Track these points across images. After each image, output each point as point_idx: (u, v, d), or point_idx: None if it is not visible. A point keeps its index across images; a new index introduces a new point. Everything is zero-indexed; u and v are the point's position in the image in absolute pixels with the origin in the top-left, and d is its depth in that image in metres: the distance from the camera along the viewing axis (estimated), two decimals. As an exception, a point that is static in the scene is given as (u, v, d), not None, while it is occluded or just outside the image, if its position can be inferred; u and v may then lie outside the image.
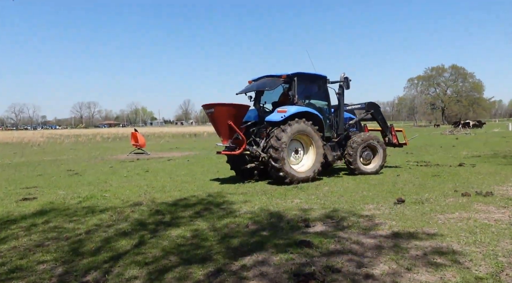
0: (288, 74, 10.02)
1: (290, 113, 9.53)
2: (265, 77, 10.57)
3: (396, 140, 12.43)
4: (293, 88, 10.03)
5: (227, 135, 9.63)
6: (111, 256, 4.56)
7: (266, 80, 10.33)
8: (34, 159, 19.87)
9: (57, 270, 4.19)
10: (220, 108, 9.46)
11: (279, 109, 9.69)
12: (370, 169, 10.99)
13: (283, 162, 9.16)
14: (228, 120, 9.40)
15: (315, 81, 10.67)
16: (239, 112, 9.68)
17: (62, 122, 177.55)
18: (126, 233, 5.52)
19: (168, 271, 4.06)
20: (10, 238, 5.40)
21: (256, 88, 10.38)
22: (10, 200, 8.27)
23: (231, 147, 9.80)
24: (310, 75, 10.48)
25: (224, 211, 6.74)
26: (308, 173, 9.67)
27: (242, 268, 4.10)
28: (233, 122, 9.43)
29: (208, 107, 9.61)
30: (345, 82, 10.57)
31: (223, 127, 9.51)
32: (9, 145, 36.33)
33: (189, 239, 5.20)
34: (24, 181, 11.47)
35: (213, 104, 9.58)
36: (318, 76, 10.62)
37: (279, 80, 10.07)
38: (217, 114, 9.45)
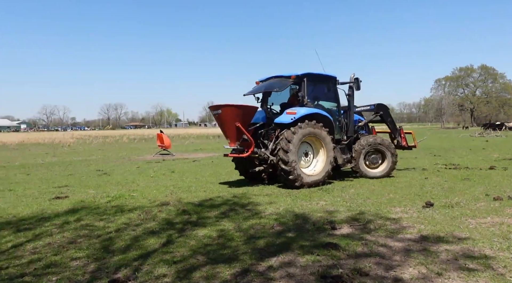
0: (298, 74, 9.68)
1: (300, 115, 9.25)
2: (273, 78, 10.26)
3: (405, 142, 12.09)
4: (302, 89, 9.73)
5: (234, 137, 9.38)
6: (140, 254, 4.67)
7: (275, 81, 10.02)
8: (65, 159, 20.52)
9: (89, 266, 4.33)
10: (228, 109, 9.18)
11: (288, 111, 9.41)
12: (377, 173, 10.69)
13: (293, 165, 8.90)
14: (236, 121, 9.13)
15: (325, 81, 10.34)
16: (247, 114, 9.42)
17: (91, 124, 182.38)
18: (154, 232, 5.63)
19: (196, 270, 4.13)
20: (45, 235, 5.61)
21: (264, 89, 10.10)
22: (44, 198, 8.57)
23: (239, 150, 9.49)
24: (319, 76, 10.18)
25: (250, 212, 6.78)
26: (319, 177, 9.38)
27: (268, 269, 4.12)
28: (241, 124, 9.17)
29: (215, 108, 9.36)
30: (356, 83, 10.32)
31: (231, 129, 9.28)
32: (41, 145, 37.62)
33: (216, 239, 5.26)
34: (56, 180, 11.87)
35: (220, 105, 9.29)
36: (328, 76, 10.32)
37: (288, 80, 9.73)
38: (225, 115, 9.21)
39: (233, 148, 9.49)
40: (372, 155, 10.81)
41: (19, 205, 7.85)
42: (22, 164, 17.99)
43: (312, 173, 9.49)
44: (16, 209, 7.40)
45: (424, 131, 67.23)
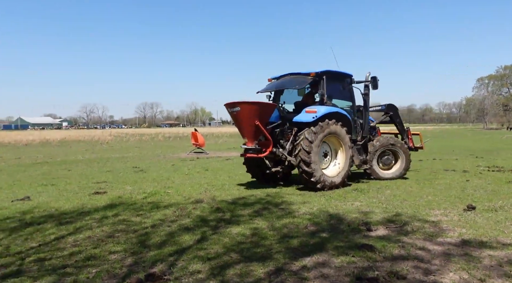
0: (317, 71, 9.26)
1: (321, 113, 8.87)
2: (288, 75, 9.92)
3: (412, 143, 11.69)
4: (321, 86, 9.29)
5: (252, 136, 8.91)
6: (176, 250, 4.74)
7: (293, 78, 9.63)
8: (103, 156, 21.24)
9: (127, 260, 4.44)
10: (247, 106, 8.68)
11: (308, 109, 9.01)
12: (390, 174, 10.46)
13: (315, 166, 8.55)
14: (255, 119, 8.64)
15: (342, 80, 9.94)
16: (266, 112, 8.94)
17: (128, 122, 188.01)
18: (189, 229, 5.72)
19: (230, 267, 4.15)
20: (85, 228, 5.82)
21: (282, 86, 9.70)
22: (84, 193, 8.90)
23: (257, 150, 8.99)
24: (338, 74, 9.77)
25: (283, 211, 6.74)
26: (339, 179, 9.01)
27: (302, 268, 4.08)
28: (260, 122, 8.71)
29: (233, 105, 8.82)
30: (373, 82, 9.89)
31: (249, 127, 8.79)
32: (81, 142, 39.14)
33: (249, 237, 5.27)
34: (95, 176, 12.30)
35: (238, 102, 8.76)
36: (345, 74, 9.93)
37: (307, 78, 9.32)
38: (243, 113, 8.70)
39: (251, 148, 9.03)
40: (385, 156, 10.57)
41: (61, 199, 8.19)
42: (64, 160, 18.78)
43: (332, 174, 9.10)
44: (58, 203, 7.72)
45: (464, 131, 64.74)
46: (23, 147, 32.29)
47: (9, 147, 31.45)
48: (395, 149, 10.58)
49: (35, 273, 4.07)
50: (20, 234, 5.53)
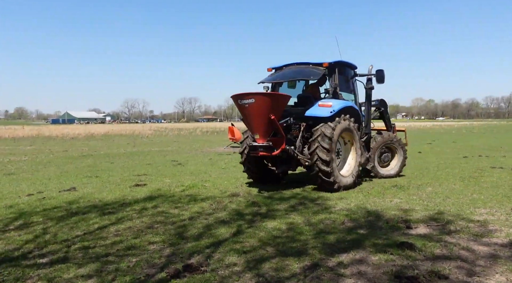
0: (330, 62, 8.58)
1: (338, 107, 8.21)
2: (295, 65, 9.11)
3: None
4: (334, 78, 8.63)
5: (265, 132, 7.90)
6: (212, 242, 4.81)
7: (304, 68, 8.81)
8: (143, 150, 21.90)
9: (165, 251, 4.56)
10: (263, 98, 7.69)
11: (321, 103, 8.27)
12: (389, 171, 9.97)
13: (334, 165, 7.88)
14: (270, 113, 7.67)
15: (349, 72, 9.35)
16: (281, 104, 7.99)
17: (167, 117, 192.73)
18: (225, 222, 5.78)
19: (265, 261, 4.15)
20: (126, 219, 6.02)
21: (294, 77, 8.90)
22: (125, 185, 9.22)
23: (269, 147, 7.93)
24: (348, 65, 9.16)
25: (319, 207, 6.67)
26: (351, 178, 8.35)
27: (338, 265, 4.02)
28: (275, 117, 7.72)
29: (245, 97, 7.75)
30: (377, 75, 9.03)
31: (263, 122, 7.78)
32: (123, 136, 40.53)
33: (285, 231, 5.26)
34: (136, 169, 12.71)
35: (253, 93, 7.78)
36: (353, 66, 9.34)
37: (320, 68, 8.55)
38: (258, 106, 7.65)
39: (262, 145, 7.93)
40: (384, 153, 10.08)
41: (104, 190, 8.52)
42: (107, 153, 19.53)
43: (345, 174, 8.41)
44: (101, 194, 8.05)
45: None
46: (70, 140, 33.90)
47: (57, 140, 33.11)
48: (394, 146, 10.10)
49: (79, 260, 4.26)
50: (67, 222, 5.81)
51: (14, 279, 3.74)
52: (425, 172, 10.77)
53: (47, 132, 44.86)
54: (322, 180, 7.88)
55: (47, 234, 5.23)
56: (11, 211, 6.58)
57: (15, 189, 8.91)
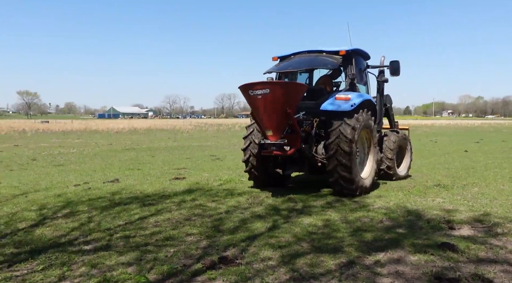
0: (347, 49, 7.68)
1: (358, 101, 7.18)
2: (305, 53, 8.12)
3: None
4: (351, 68, 7.68)
5: (279, 128, 6.88)
6: (248, 236, 4.85)
7: (318, 57, 7.83)
8: (183, 144, 22.40)
9: (202, 243, 4.65)
10: (279, 88, 6.70)
11: (338, 96, 7.17)
12: (401, 173, 9.15)
13: (355, 170, 6.97)
14: (286, 106, 6.69)
15: (363, 62, 8.41)
16: (298, 95, 6.98)
17: (207, 112, 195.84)
18: (261, 216, 5.81)
19: (300, 256, 4.14)
20: (165, 210, 6.19)
21: (309, 65, 7.93)
22: (165, 178, 9.47)
23: (283, 146, 6.94)
24: (364, 54, 8.28)
25: (357, 204, 6.55)
26: (369, 181, 7.46)
27: (375, 263, 3.94)
28: (292, 110, 6.78)
29: (260, 87, 6.69)
30: (392, 67, 8.16)
31: (277, 116, 6.75)
32: (164, 131, 41.63)
33: (321, 228, 5.21)
34: (176, 162, 13.03)
35: (267, 82, 6.94)
36: (367, 56, 8.45)
37: (336, 57, 7.61)
38: (273, 97, 6.63)
39: (275, 143, 6.89)
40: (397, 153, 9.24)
41: (145, 183, 8.81)
42: (149, 147, 20.16)
43: (364, 175, 7.51)
44: (142, 186, 8.32)
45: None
46: (114, 134, 35.28)
47: (102, 134, 34.56)
48: (406, 145, 9.41)
49: (121, 248, 4.43)
50: (110, 212, 6.07)
51: (60, 264, 3.95)
52: (471, 171, 10.28)
53: (94, 126, 46.96)
54: (343, 187, 6.96)
55: (92, 223, 5.49)
56: (59, 200, 6.95)
57: (64, 180, 9.40)
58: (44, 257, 4.13)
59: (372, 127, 7.59)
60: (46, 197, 7.16)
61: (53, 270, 3.79)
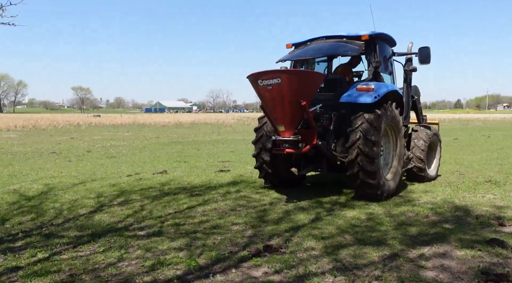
0: (370, 34, 6.80)
1: (383, 91, 6.36)
2: (323, 39, 7.30)
3: None
4: (374, 55, 6.82)
5: (293, 122, 6.07)
6: (291, 227, 4.99)
7: (338, 43, 7.01)
8: (227, 138, 22.84)
9: (247, 232, 4.84)
10: (293, 77, 5.89)
11: (360, 86, 6.39)
12: (430, 173, 8.21)
13: (378, 164, 6.18)
14: (301, 97, 5.85)
15: (388, 49, 7.52)
16: (314, 85, 6.15)
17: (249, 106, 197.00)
18: (304, 209, 5.92)
19: (343, 248, 4.22)
20: (211, 201, 6.46)
21: (328, 52, 7.10)
22: (210, 170, 9.80)
23: (296, 143, 6.19)
24: (389, 40, 7.39)
25: (402, 199, 6.49)
26: (395, 182, 6.70)
27: (420, 257, 3.94)
28: (307, 102, 5.94)
29: (270, 76, 5.83)
30: (422, 54, 7.31)
31: (290, 109, 5.93)
32: (208, 125, 42.56)
33: (364, 221, 5.24)
34: (220, 155, 13.38)
35: (278, 70, 6.02)
36: (393, 42, 7.55)
37: (358, 42, 6.78)
38: (286, 87, 5.80)
39: (288, 140, 6.09)
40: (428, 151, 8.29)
41: (192, 174, 9.16)
42: (194, 140, 20.77)
43: (389, 177, 6.71)
44: (189, 178, 8.67)
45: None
46: (161, 128, 36.56)
47: (150, 128, 35.91)
48: (435, 142, 8.50)
49: (172, 235, 4.72)
50: (160, 201, 6.42)
51: (119, 247, 4.29)
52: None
53: (142, 120, 48.85)
54: (363, 182, 6.15)
55: (144, 210, 5.85)
56: (114, 189, 7.42)
57: (117, 170, 9.97)
58: (104, 240, 4.49)
59: (398, 122, 6.79)
60: (102, 186, 7.68)
61: (112, 252, 4.13)
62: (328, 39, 7.25)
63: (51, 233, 4.77)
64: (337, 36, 7.15)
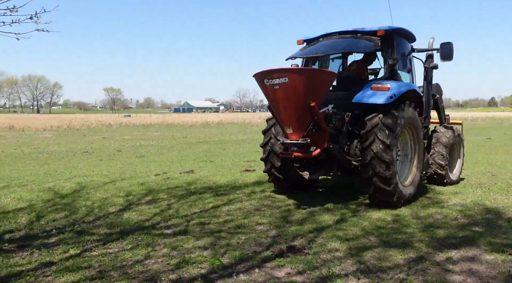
0: (386, 29, 6.35)
1: (399, 91, 5.96)
2: (336, 34, 6.86)
3: None
4: (391, 51, 6.40)
5: (301, 124, 5.69)
6: (315, 228, 4.98)
7: (352, 39, 6.59)
8: (253, 137, 22.93)
9: (271, 232, 4.87)
10: (301, 76, 5.48)
11: (374, 85, 6.02)
12: (452, 177, 7.73)
13: (394, 169, 5.77)
14: (310, 98, 5.49)
15: (407, 45, 7.06)
16: (324, 85, 5.77)
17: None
18: (328, 210, 5.90)
19: (367, 249, 4.18)
20: (236, 200, 6.53)
21: (339, 49, 6.77)
22: (236, 170, 9.89)
23: (306, 146, 5.77)
24: (407, 35, 6.90)
25: (429, 200, 6.35)
26: (411, 189, 6.26)
27: (447, 260, 3.86)
28: (316, 103, 5.58)
29: (276, 75, 5.46)
30: (444, 50, 6.85)
31: (298, 110, 5.58)
32: (235, 124, 42.84)
33: (390, 223, 5.17)
34: (246, 155, 13.46)
35: (285, 69, 5.53)
36: (412, 37, 7.06)
37: (373, 38, 6.34)
38: (294, 87, 5.44)
39: (296, 143, 5.73)
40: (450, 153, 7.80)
41: (217, 174, 9.27)
42: (220, 140, 20.98)
43: (407, 182, 6.32)
44: (215, 177, 8.78)
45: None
46: (188, 127, 37.10)
47: (178, 127, 36.52)
48: (460, 143, 8.06)
49: (197, 233, 4.81)
50: (186, 200, 6.54)
51: (146, 245, 4.42)
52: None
53: (170, 120, 49.74)
54: (378, 188, 5.75)
55: (171, 209, 5.98)
56: (143, 188, 7.62)
57: (145, 169, 10.22)
58: (132, 238, 4.63)
59: (417, 123, 6.40)
60: (131, 185, 7.89)
61: (139, 250, 4.25)
62: (342, 34, 6.83)
63: (83, 230, 4.97)
64: (351, 31, 6.75)
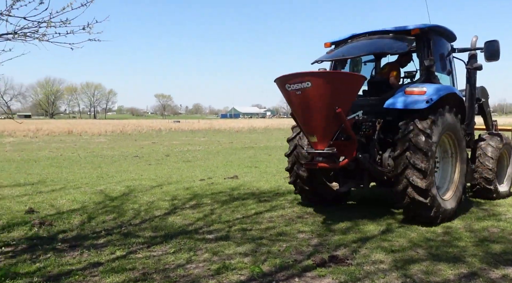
0: (422, 27, 5.82)
1: (437, 95, 5.39)
2: (366, 35, 6.41)
3: None
4: (428, 51, 5.85)
5: (326, 132, 5.26)
6: (359, 238, 4.83)
7: (383, 39, 6.13)
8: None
9: (313, 240, 4.78)
10: (325, 80, 5.10)
11: (409, 89, 5.48)
12: (502, 189, 6.99)
13: (434, 191, 5.22)
14: (336, 103, 5.06)
15: (446, 45, 6.49)
16: (352, 90, 5.36)
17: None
18: (374, 219, 5.69)
19: (414, 262, 3.98)
20: (278, 207, 6.48)
21: (369, 50, 6.34)
22: (280, 176, 9.84)
23: (332, 156, 5.34)
24: (446, 33, 6.33)
25: (485, 212, 5.96)
26: (453, 203, 5.64)
27: (503, 277, 3.58)
28: (343, 109, 5.15)
29: (299, 79, 5.04)
30: (488, 49, 6.20)
31: (323, 117, 5.14)
32: (281, 130, 42.69)
33: (440, 235, 4.90)
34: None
35: (308, 73, 5.08)
36: (452, 36, 6.48)
37: (407, 37, 5.89)
38: (318, 92, 5.03)
39: (322, 152, 5.29)
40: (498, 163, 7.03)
41: (261, 180, 9.28)
42: (266, 146, 21.03)
43: (447, 196, 5.71)
44: (258, 183, 8.79)
45: None
46: (235, 133, 37.58)
47: (225, 133, 37.11)
48: (510, 152, 7.30)
49: (238, 239, 4.82)
50: (229, 206, 6.59)
51: (188, 249, 4.49)
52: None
53: (217, 125, 50.64)
54: (413, 200, 5.18)
55: (214, 214, 6.05)
56: (188, 192, 7.79)
57: (191, 174, 10.46)
58: (175, 242, 4.73)
59: (458, 130, 5.83)
60: (177, 189, 8.10)
61: (182, 254, 4.33)
62: (372, 35, 6.38)
63: (129, 233, 5.14)
64: (382, 31, 6.27)
